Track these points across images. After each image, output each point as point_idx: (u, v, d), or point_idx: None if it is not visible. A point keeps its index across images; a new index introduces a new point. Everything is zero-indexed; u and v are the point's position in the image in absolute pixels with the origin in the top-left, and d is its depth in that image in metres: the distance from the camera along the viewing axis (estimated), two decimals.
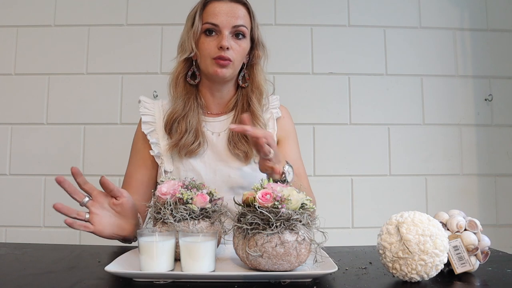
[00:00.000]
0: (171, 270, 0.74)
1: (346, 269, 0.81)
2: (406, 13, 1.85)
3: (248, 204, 0.76)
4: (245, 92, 1.15)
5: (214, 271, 0.74)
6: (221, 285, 0.69)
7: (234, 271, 0.75)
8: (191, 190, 0.83)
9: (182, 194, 0.81)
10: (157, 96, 1.77)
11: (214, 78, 1.09)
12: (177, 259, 0.77)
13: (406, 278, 0.71)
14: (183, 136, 1.07)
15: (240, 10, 1.08)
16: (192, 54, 1.09)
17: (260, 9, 1.82)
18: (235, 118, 1.13)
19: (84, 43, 1.80)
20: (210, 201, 0.84)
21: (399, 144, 1.81)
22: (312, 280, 0.73)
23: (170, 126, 1.10)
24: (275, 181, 0.85)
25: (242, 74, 1.15)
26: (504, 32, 1.86)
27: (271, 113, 1.17)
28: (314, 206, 0.82)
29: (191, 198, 0.81)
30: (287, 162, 0.97)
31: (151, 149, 1.12)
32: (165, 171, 1.09)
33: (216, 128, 1.13)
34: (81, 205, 0.84)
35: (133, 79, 1.80)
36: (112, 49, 1.80)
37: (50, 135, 1.77)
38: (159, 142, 1.11)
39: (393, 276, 0.74)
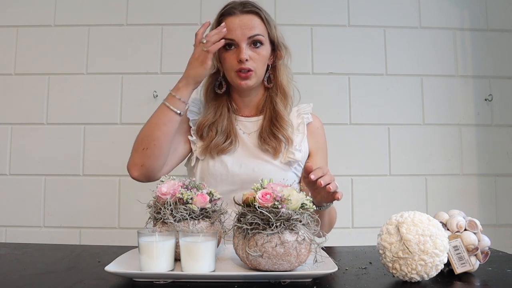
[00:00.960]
0: (171, 270, 0.74)
1: (346, 269, 0.81)
2: (406, 13, 1.85)
3: (248, 204, 0.76)
4: (270, 94, 1.20)
5: (214, 271, 0.74)
6: (221, 285, 0.69)
7: (234, 271, 0.75)
8: (191, 190, 0.83)
9: (182, 194, 0.81)
10: (157, 96, 1.77)
11: (239, 89, 1.16)
12: (177, 259, 0.77)
13: (406, 278, 0.71)
14: (213, 139, 1.14)
15: (253, 20, 1.13)
16: (215, 70, 1.16)
17: None
18: (264, 120, 1.18)
19: (84, 43, 1.80)
20: (210, 201, 0.84)
21: (399, 144, 1.81)
22: (312, 280, 0.73)
23: (201, 132, 1.16)
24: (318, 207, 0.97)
25: (267, 75, 1.19)
26: (504, 32, 1.86)
27: (302, 118, 1.22)
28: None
29: (191, 198, 0.81)
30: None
31: (191, 135, 1.18)
32: (196, 158, 1.16)
33: (248, 128, 1.19)
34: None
35: (133, 79, 1.80)
36: (112, 49, 1.80)
37: (50, 135, 1.77)
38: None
39: (393, 276, 0.74)
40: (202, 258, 0.72)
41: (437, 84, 1.83)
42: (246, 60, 1.09)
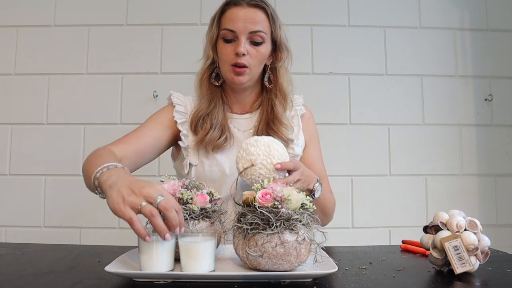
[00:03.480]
0: (171, 270, 0.74)
1: (346, 269, 0.81)
2: (406, 13, 1.85)
3: (248, 204, 0.76)
4: (269, 95, 1.15)
5: (213, 271, 0.74)
6: (221, 285, 0.69)
7: (234, 271, 0.75)
8: (191, 190, 0.83)
9: (182, 194, 0.81)
10: (157, 96, 1.77)
11: (231, 85, 1.12)
12: (177, 259, 0.77)
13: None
14: (208, 132, 1.08)
15: (258, 15, 1.08)
16: (211, 60, 1.12)
17: None
18: (260, 119, 1.14)
19: (84, 43, 1.80)
20: (210, 201, 0.84)
21: (399, 144, 1.81)
22: (312, 280, 0.73)
23: (195, 124, 1.11)
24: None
25: (267, 75, 1.16)
26: (504, 32, 1.86)
27: (295, 110, 1.19)
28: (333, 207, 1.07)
29: (191, 198, 0.81)
30: (318, 180, 0.98)
31: (179, 139, 1.12)
32: (190, 164, 1.10)
33: (242, 125, 1.15)
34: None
35: (133, 79, 1.80)
36: (112, 49, 1.80)
37: (50, 135, 1.77)
38: (188, 135, 1.12)
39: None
40: (201, 258, 0.72)
41: (437, 84, 1.83)
42: (243, 54, 1.05)
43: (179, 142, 1.12)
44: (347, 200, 1.78)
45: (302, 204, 0.74)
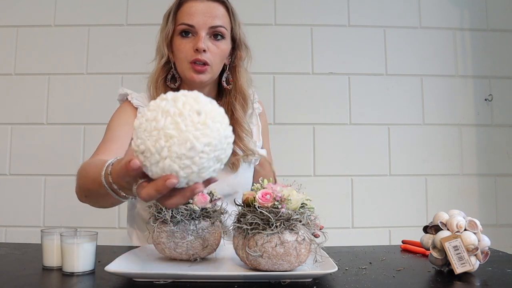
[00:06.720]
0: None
1: (346, 269, 0.81)
2: (406, 13, 1.85)
3: (248, 204, 0.76)
4: (229, 99, 1.08)
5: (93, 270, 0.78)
6: (221, 285, 0.69)
7: (234, 271, 0.75)
8: None
9: None
10: None
11: (191, 83, 1.04)
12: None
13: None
14: None
15: (218, 9, 1.02)
16: (166, 59, 1.04)
17: (260, 9, 1.83)
18: None
19: (84, 43, 1.80)
20: (210, 201, 0.84)
21: (399, 144, 1.81)
22: (312, 280, 0.73)
23: None
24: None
25: (225, 75, 1.08)
26: (504, 32, 1.86)
27: (252, 108, 1.13)
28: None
29: (192, 198, 0.81)
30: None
31: None
32: None
33: None
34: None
35: (133, 79, 1.80)
36: (112, 49, 1.80)
37: (50, 135, 1.77)
38: None
39: None
40: (80, 258, 0.76)
41: (437, 84, 1.83)
42: (204, 51, 0.98)
43: None
44: (347, 200, 1.78)
45: (302, 204, 0.74)
